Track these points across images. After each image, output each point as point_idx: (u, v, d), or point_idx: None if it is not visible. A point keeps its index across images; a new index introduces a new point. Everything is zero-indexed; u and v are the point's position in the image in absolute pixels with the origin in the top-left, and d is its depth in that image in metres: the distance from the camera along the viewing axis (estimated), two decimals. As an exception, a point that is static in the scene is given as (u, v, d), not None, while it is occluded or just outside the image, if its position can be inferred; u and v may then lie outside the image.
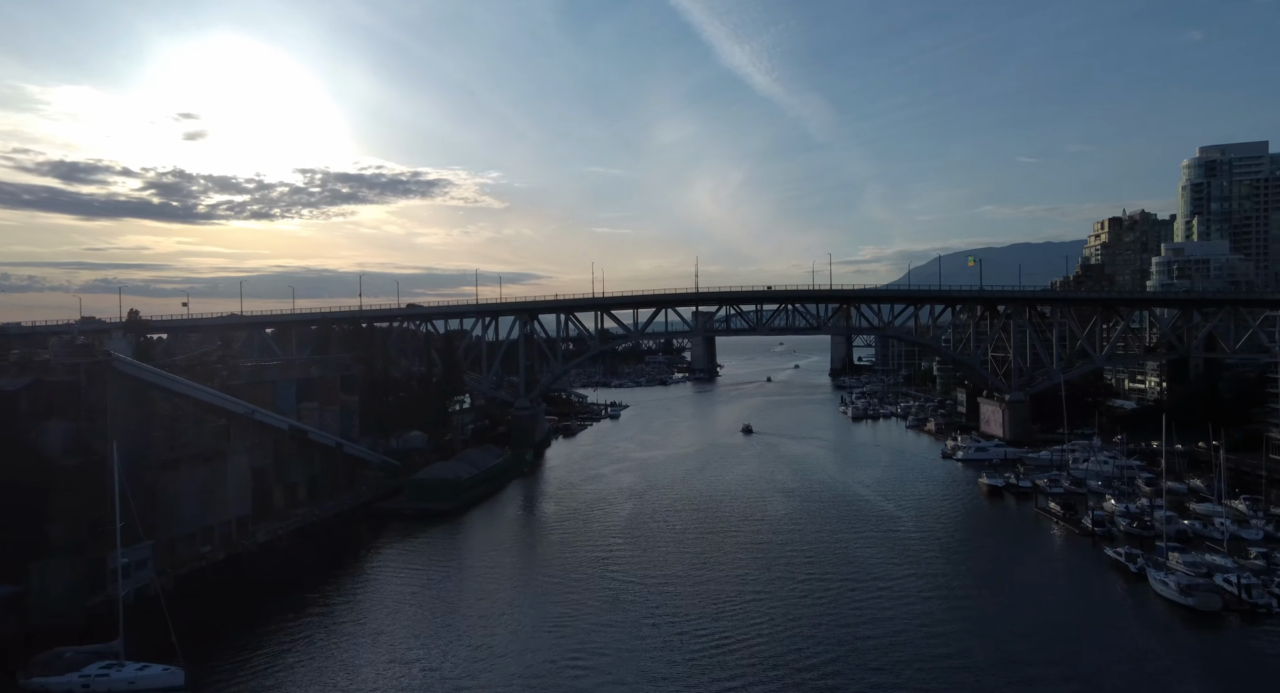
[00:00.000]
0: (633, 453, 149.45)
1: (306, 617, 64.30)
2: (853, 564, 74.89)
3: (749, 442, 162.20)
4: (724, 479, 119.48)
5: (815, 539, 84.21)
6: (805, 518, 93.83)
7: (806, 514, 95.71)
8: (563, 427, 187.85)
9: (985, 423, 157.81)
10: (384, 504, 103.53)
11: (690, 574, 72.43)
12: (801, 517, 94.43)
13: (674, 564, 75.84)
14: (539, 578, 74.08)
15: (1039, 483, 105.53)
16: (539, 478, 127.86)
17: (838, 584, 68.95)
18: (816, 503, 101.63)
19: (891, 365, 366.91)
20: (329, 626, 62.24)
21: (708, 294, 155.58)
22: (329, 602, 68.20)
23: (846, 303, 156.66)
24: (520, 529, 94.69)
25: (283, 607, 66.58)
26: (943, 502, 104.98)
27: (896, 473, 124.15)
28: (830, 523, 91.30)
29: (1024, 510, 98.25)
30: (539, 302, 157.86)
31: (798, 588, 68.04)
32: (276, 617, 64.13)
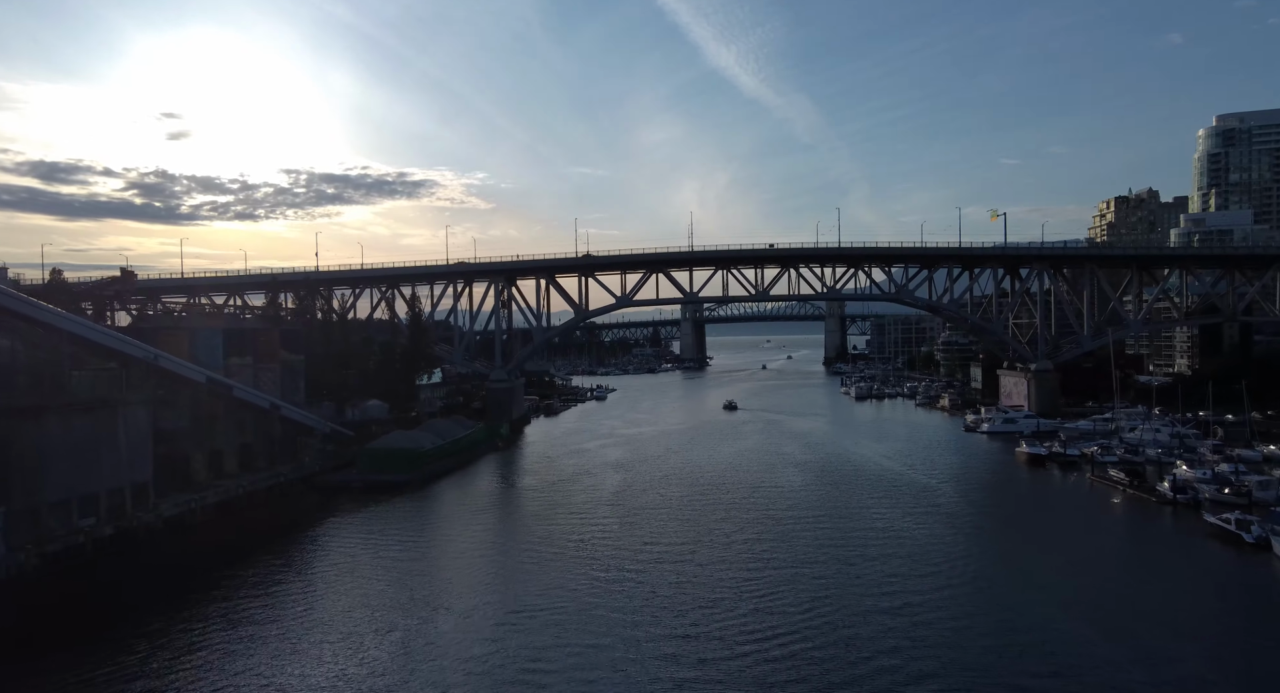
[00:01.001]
0: (620, 430, 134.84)
1: (203, 609, 49.29)
2: (899, 540, 60.43)
3: (748, 418, 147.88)
4: (724, 452, 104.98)
5: (843, 512, 69.73)
6: (826, 489, 79.39)
7: (826, 486, 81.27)
8: (544, 405, 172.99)
9: (1006, 396, 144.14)
10: (331, 477, 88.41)
11: (695, 552, 57.83)
12: (821, 488, 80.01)
13: (672, 539, 61.24)
14: (504, 557, 59.31)
15: (1088, 451, 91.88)
16: (516, 452, 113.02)
17: (881, 563, 54.45)
18: (836, 475, 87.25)
19: (888, 352, 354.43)
20: (229, 619, 47.25)
21: (703, 254, 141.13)
22: (237, 590, 53.15)
23: (856, 265, 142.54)
24: (488, 503, 79.72)
25: (176, 595, 51.55)
26: (981, 472, 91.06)
27: (918, 446, 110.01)
28: (856, 494, 76.90)
29: (1075, 480, 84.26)
30: (517, 262, 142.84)
31: (832, 569, 53.52)
32: (164, 608, 49.08)
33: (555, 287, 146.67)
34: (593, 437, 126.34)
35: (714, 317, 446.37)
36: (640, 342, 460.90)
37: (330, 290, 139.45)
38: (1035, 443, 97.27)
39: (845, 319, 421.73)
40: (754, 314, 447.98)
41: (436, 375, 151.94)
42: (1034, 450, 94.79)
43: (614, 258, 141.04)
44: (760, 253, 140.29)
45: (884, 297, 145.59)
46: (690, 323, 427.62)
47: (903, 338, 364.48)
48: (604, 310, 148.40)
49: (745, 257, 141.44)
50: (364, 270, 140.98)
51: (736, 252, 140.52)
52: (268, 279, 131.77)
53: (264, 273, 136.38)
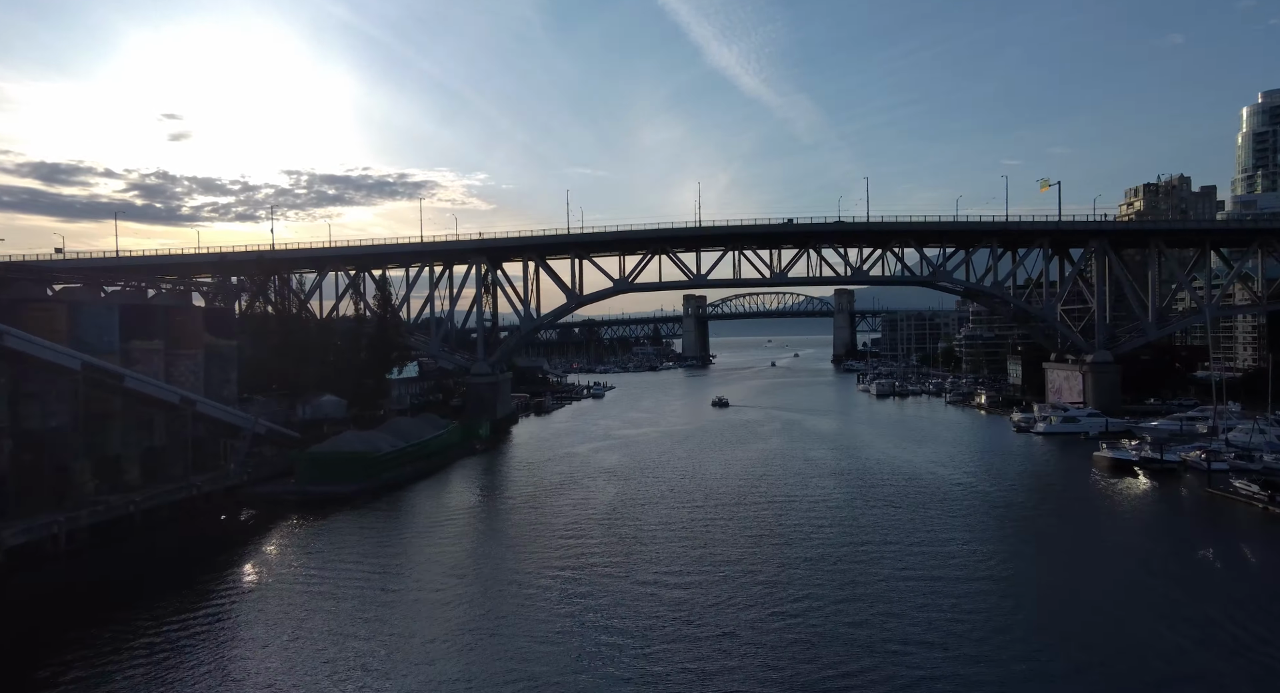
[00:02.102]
0: (617, 430, 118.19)
1: (42, 669, 32.89)
2: (1011, 590, 43.79)
3: (761, 417, 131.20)
4: (740, 457, 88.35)
5: (915, 542, 53.07)
6: (882, 510, 62.64)
7: (881, 504, 64.51)
8: (535, 403, 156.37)
9: (1055, 393, 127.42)
10: (260, 488, 71.84)
11: (723, 608, 41.19)
12: (875, 507, 63.25)
13: (687, 585, 44.62)
14: (459, 608, 42.69)
15: (1187, 456, 75.34)
16: (496, 457, 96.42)
17: (1012, 637, 37.81)
18: (887, 488, 70.49)
19: (900, 349, 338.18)
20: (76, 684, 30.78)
21: (711, 230, 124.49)
22: (93, 642, 36.79)
23: (884, 244, 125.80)
24: (449, 523, 63.00)
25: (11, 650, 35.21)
26: (1062, 483, 74.37)
27: (969, 450, 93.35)
28: (923, 516, 60.18)
29: (1187, 494, 67.57)
30: (501, 239, 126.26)
31: (943, 651, 36.87)
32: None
33: (545, 269, 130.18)
34: (586, 438, 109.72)
35: (718, 313, 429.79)
36: (641, 339, 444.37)
37: (288, 274, 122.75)
38: (1119, 447, 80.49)
39: (854, 315, 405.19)
40: (758, 311, 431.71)
41: (412, 369, 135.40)
42: (1120, 455, 78.05)
43: (611, 234, 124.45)
44: (776, 229, 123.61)
45: (916, 280, 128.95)
46: (693, 319, 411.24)
47: (915, 334, 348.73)
48: (600, 295, 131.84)
49: (759, 234, 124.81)
50: (327, 249, 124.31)
51: (749, 228, 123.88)
52: (214, 259, 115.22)
53: (210, 252, 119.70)
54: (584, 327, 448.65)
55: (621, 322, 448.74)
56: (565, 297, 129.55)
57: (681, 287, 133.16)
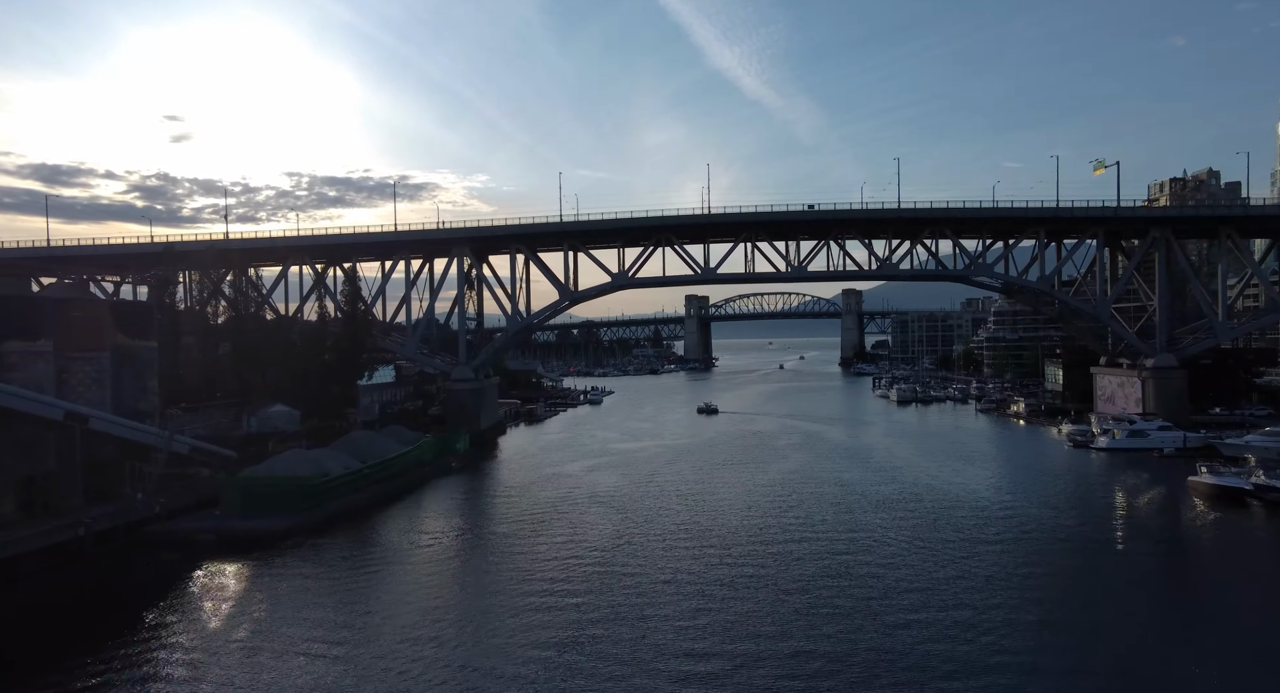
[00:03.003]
0: (615, 444, 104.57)
1: None
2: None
3: (776, 428, 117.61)
4: (761, 482, 74.69)
5: (999, 598, 39.57)
6: (947, 556, 49.02)
7: (944, 549, 50.90)
8: (526, 411, 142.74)
9: (1106, 401, 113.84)
10: (178, 523, 58.17)
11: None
12: (937, 554, 49.62)
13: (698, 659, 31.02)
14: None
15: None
16: (474, 477, 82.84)
17: None
18: (948, 527, 56.73)
19: (912, 351, 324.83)
20: None
21: (722, 218, 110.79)
22: None
23: (915, 235, 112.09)
24: (400, 569, 49.32)
25: None
26: (1162, 519, 60.73)
27: (1028, 473, 79.69)
28: (1002, 565, 46.61)
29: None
30: (486, 227, 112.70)
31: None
32: None
33: (536, 262, 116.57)
34: (580, 453, 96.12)
35: (720, 314, 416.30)
36: (641, 341, 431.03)
37: (246, 269, 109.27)
38: (1221, 469, 66.72)
39: (862, 316, 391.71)
40: (761, 312, 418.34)
41: (387, 373, 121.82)
42: (1227, 482, 64.30)
43: (610, 222, 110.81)
44: (795, 216, 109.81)
45: (950, 275, 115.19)
46: (695, 320, 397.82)
47: (927, 336, 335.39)
48: (597, 291, 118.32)
49: (775, 222, 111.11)
50: (290, 239, 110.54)
51: (764, 215, 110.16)
52: (159, 249, 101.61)
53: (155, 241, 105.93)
54: (582, 328, 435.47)
55: (621, 323, 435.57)
56: (558, 293, 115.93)
57: (688, 282, 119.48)
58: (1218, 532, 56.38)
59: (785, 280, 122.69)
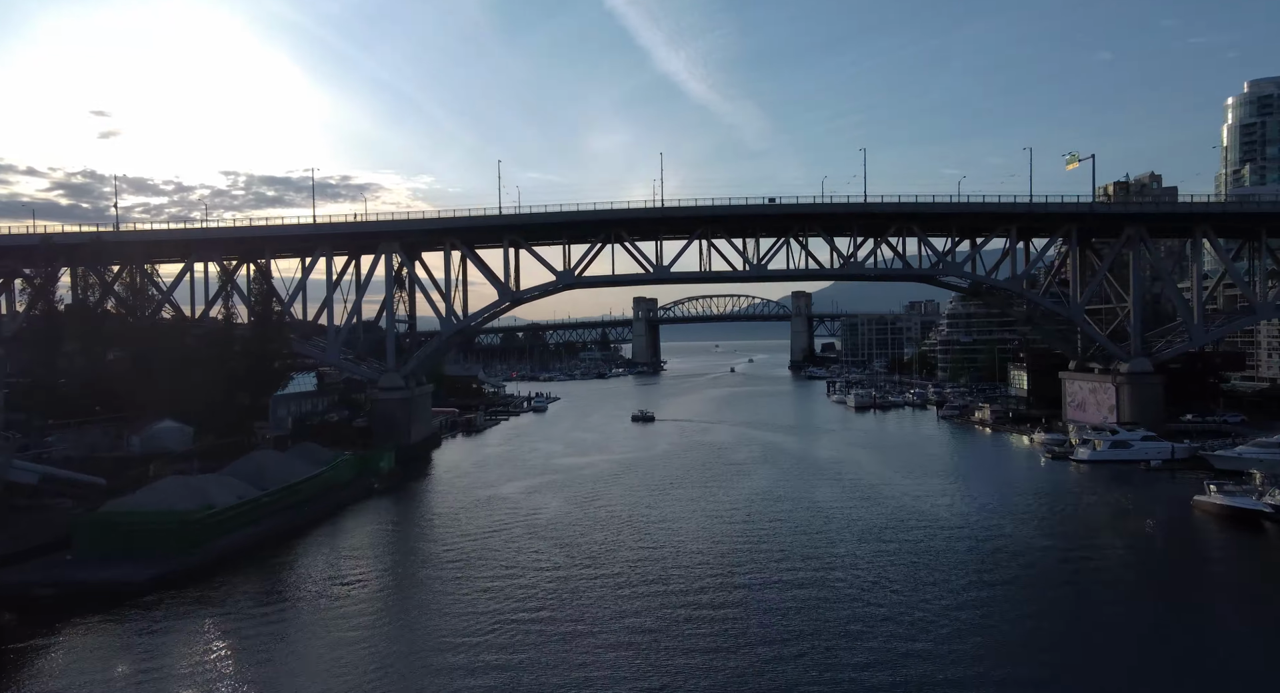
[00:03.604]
0: (560, 458, 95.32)
1: None
2: None
3: (732, 438, 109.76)
4: (726, 504, 66.32)
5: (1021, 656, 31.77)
6: (950, 600, 41.17)
7: (944, 586, 43.08)
8: (463, 421, 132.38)
9: (1077, 407, 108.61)
10: (12, 573, 47.19)
11: None
12: (938, 593, 41.76)
13: None
14: None
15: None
16: (398, 500, 72.83)
17: None
18: (944, 561, 49.00)
19: (862, 355, 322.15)
20: None
21: (678, 211, 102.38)
22: None
23: (881, 232, 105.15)
24: (291, 630, 39.53)
25: None
26: (1179, 549, 54.00)
27: (1012, 490, 72.89)
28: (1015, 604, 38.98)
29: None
30: (419, 220, 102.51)
31: None
32: None
33: (474, 260, 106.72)
34: (520, 469, 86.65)
35: (669, 317, 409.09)
36: (588, 344, 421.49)
37: (143, 266, 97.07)
38: (1233, 491, 60.44)
39: (812, 319, 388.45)
40: (710, 315, 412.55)
41: (308, 381, 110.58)
42: (1238, 503, 57.98)
43: (554, 216, 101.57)
44: (755, 210, 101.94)
45: (916, 274, 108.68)
46: (644, 323, 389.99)
47: (877, 339, 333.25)
48: (541, 292, 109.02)
49: (734, 216, 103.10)
50: (192, 230, 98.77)
51: (722, 209, 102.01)
52: (35, 240, 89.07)
53: (30, 233, 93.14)
54: (528, 330, 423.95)
55: (568, 325, 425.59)
56: (498, 293, 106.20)
57: (640, 281, 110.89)
58: (1242, 563, 49.74)
59: (743, 280, 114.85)
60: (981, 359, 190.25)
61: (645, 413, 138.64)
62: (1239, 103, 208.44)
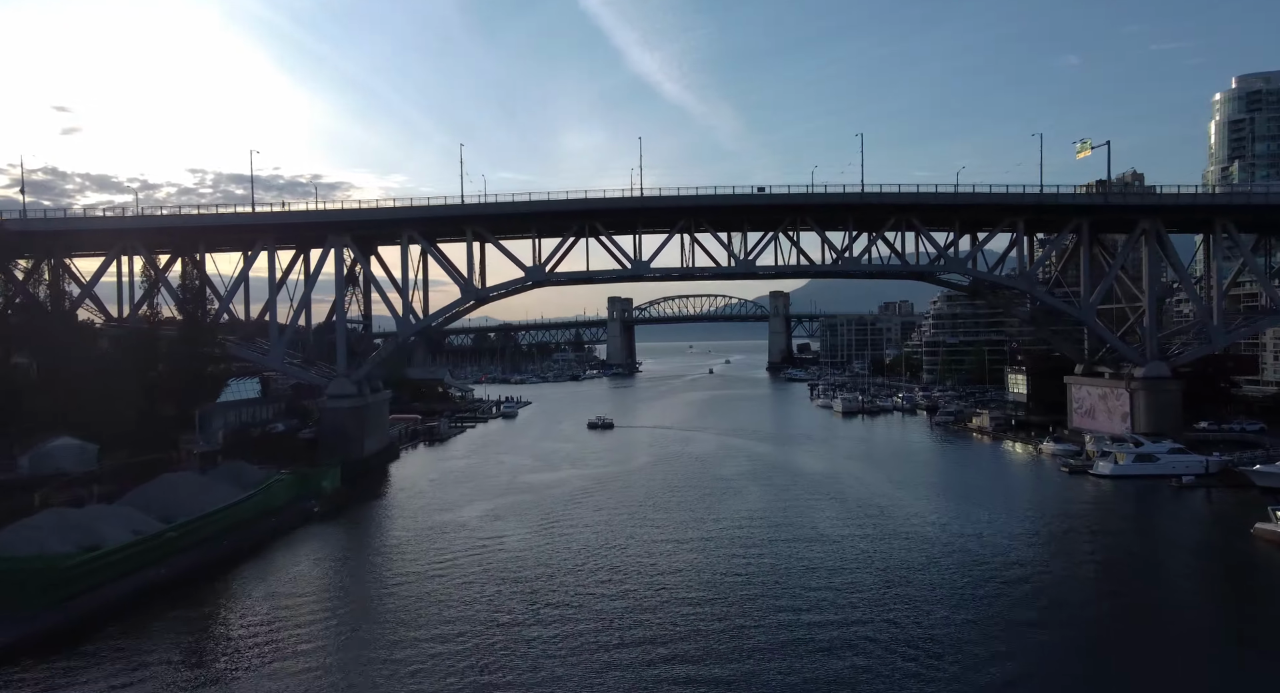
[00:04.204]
0: (527, 475, 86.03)
1: None
2: None
3: (718, 449, 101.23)
4: (716, 533, 57.64)
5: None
6: (1027, 658, 32.72)
7: (1018, 650, 34.66)
8: (425, 429, 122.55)
9: (1085, 414, 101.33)
10: None
11: None
12: (1011, 659, 33.32)
13: None
14: None
15: None
16: (342, 526, 63.28)
17: None
18: (1000, 609, 40.70)
19: (841, 356, 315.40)
20: None
21: (658, 200, 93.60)
22: None
23: (878, 225, 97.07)
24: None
25: None
26: (1254, 588, 46.08)
27: (1039, 515, 65.05)
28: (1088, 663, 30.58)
29: None
30: (372, 210, 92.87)
31: None
32: None
33: (434, 254, 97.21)
34: (483, 488, 77.34)
35: (644, 318, 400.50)
36: (562, 345, 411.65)
37: (60, 259, 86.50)
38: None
39: (790, 319, 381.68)
40: (686, 315, 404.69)
41: (250, 387, 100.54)
42: (1311, 533, 50.33)
43: (523, 205, 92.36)
44: (743, 200, 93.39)
45: (915, 271, 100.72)
46: (619, 323, 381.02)
47: (856, 340, 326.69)
48: (509, 288, 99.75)
49: (721, 206, 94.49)
50: (112, 220, 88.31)
51: (708, 199, 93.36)
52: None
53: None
54: (500, 331, 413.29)
55: (540, 326, 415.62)
56: (460, 290, 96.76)
57: (617, 278, 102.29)
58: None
59: (729, 277, 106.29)
60: (969, 361, 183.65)
61: (604, 420, 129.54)
62: (1226, 99, 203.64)
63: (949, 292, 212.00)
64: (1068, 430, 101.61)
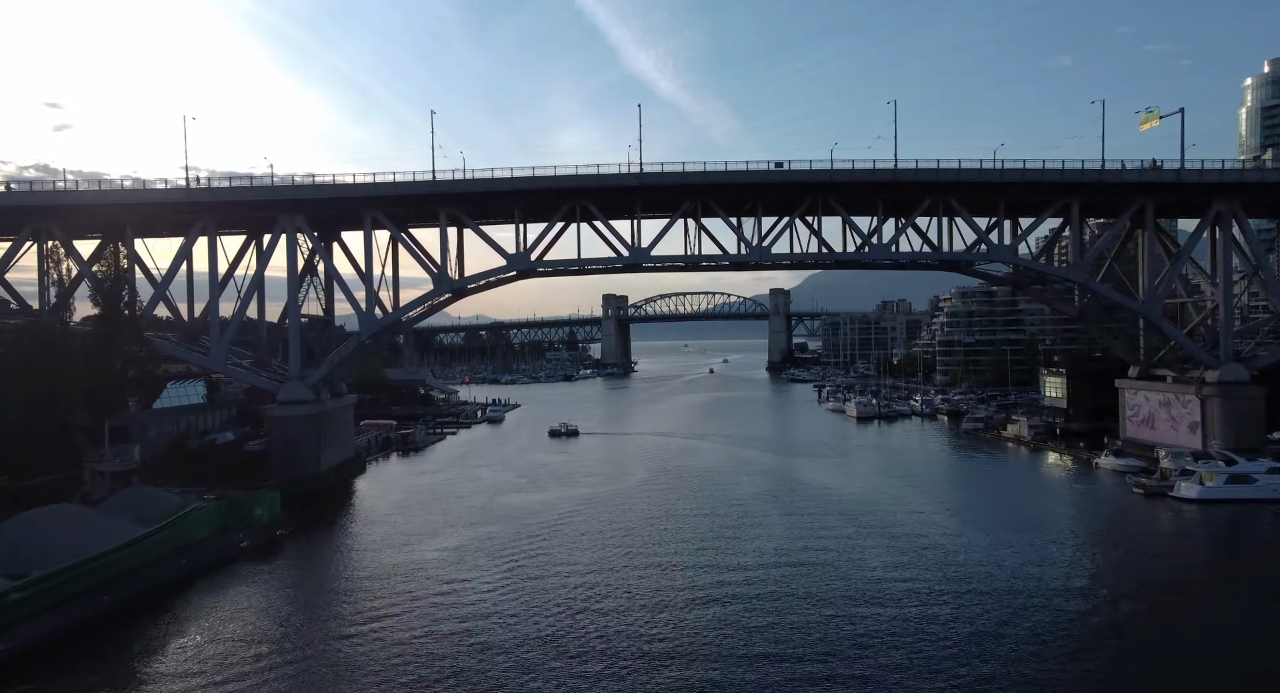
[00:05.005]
0: (508, 496, 73.67)
1: None
2: None
3: (725, 459, 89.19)
4: (741, 584, 45.56)
5: None
6: None
7: None
8: (399, 437, 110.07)
9: (1142, 422, 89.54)
10: None
11: None
12: None
13: None
14: None
15: None
16: (272, 569, 50.95)
17: None
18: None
19: (844, 356, 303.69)
20: None
21: (662, 176, 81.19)
22: None
23: (909, 209, 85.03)
24: None
25: None
26: None
27: (1128, 555, 53.06)
28: None
29: None
30: (330, 186, 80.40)
31: None
32: None
33: (403, 240, 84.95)
34: (452, 513, 65.04)
35: (640, 316, 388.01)
36: (555, 344, 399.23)
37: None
38: None
39: (790, 318, 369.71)
40: (682, 313, 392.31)
41: (194, 391, 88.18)
42: None
43: (504, 182, 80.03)
44: (758, 178, 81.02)
45: (946, 261, 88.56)
46: (613, 321, 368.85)
47: (859, 339, 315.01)
48: (489, 279, 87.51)
49: (733, 185, 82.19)
50: (19, 194, 75.77)
51: (718, 176, 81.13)
52: None
53: None
54: (491, 330, 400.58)
55: (533, 324, 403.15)
56: (433, 281, 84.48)
57: (611, 268, 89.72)
58: None
59: (740, 266, 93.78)
60: (987, 362, 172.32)
61: (567, 427, 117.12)
62: (1259, 84, 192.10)
63: (963, 288, 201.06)
64: (1121, 441, 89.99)
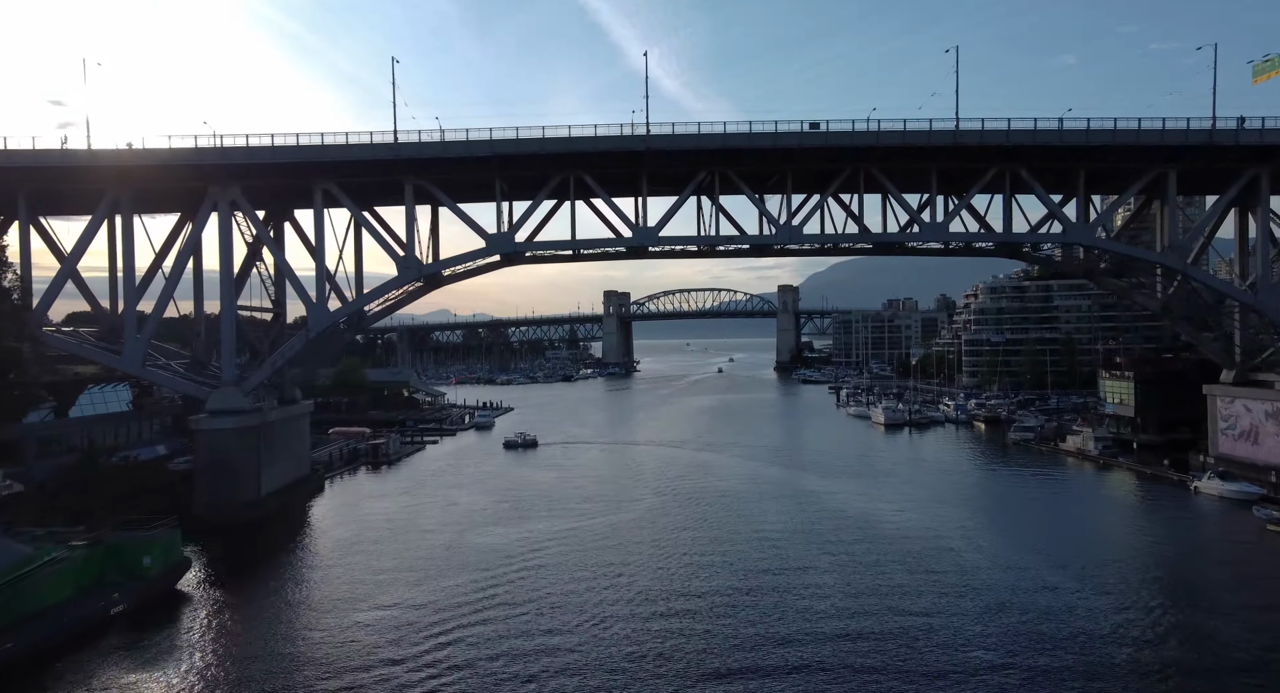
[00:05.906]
0: (477, 531, 59.81)
1: None
2: None
3: (740, 477, 75.42)
4: (785, 658, 31.73)
5: None
6: None
7: None
8: (370, 449, 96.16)
9: (1240, 437, 75.54)
10: None
11: None
12: None
13: None
14: None
15: None
16: (146, 646, 37.30)
17: None
18: None
19: (855, 355, 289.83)
20: None
21: (674, 139, 67.28)
22: None
23: (967, 181, 71.19)
24: None
25: None
26: None
27: None
28: None
29: None
30: (268, 148, 66.31)
31: None
32: None
33: (365, 223, 71.23)
34: (409, 557, 51.27)
35: (642, 313, 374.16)
36: (555, 342, 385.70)
37: None
38: None
39: (799, 316, 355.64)
40: (686, 311, 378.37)
41: (120, 397, 74.45)
42: None
43: (482, 145, 66.05)
44: (790, 141, 66.97)
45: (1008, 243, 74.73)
46: (615, 319, 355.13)
47: (872, 338, 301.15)
48: (465, 263, 73.72)
49: (757, 151, 68.21)
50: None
51: (742, 138, 67.18)
52: None
53: None
54: (490, 328, 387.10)
55: (533, 322, 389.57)
56: (397, 267, 70.62)
57: (613, 250, 75.77)
58: None
59: (764, 248, 79.68)
60: (1019, 362, 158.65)
61: (525, 437, 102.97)
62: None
63: (993, 283, 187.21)
64: (1213, 458, 76.25)
